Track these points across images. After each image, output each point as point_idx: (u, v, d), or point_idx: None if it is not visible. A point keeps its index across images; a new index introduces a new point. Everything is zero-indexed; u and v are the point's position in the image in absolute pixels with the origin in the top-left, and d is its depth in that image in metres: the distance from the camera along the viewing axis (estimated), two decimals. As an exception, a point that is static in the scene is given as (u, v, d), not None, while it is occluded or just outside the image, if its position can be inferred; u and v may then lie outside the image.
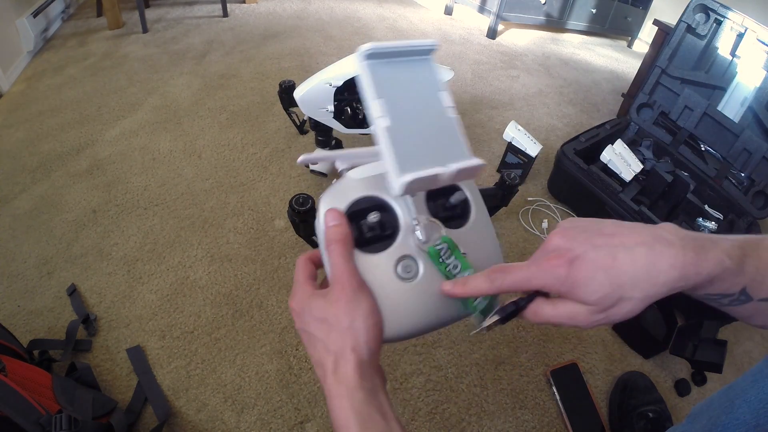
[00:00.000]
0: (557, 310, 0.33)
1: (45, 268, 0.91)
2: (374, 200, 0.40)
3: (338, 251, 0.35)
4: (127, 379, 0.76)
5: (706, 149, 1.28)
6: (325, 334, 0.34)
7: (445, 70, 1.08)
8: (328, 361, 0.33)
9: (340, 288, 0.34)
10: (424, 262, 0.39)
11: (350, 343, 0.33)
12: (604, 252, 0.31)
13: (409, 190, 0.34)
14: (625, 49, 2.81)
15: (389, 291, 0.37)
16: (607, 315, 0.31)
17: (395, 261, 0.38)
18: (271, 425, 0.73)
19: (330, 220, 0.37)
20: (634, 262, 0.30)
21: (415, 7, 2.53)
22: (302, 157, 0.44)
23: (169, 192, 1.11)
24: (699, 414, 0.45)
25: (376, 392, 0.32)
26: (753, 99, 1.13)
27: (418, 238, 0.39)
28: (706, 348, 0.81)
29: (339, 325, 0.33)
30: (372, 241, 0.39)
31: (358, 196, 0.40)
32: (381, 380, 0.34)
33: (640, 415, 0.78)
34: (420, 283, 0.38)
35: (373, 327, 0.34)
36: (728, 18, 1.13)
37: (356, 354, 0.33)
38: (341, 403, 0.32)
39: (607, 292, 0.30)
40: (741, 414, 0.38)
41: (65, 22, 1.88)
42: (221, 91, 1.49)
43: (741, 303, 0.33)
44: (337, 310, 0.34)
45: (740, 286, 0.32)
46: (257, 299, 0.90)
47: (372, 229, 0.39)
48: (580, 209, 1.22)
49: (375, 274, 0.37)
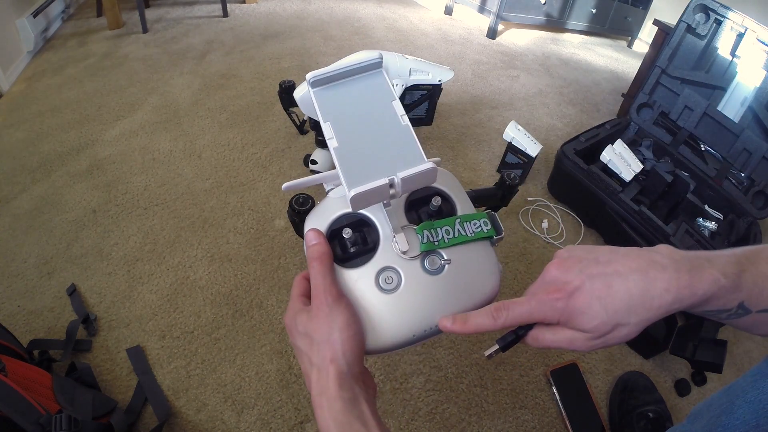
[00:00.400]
0: (556, 336, 0.34)
1: (45, 268, 0.91)
2: (354, 216, 0.42)
3: (317, 268, 0.37)
4: (127, 379, 0.76)
5: (706, 149, 1.27)
6: (308, 347, 0.35)
7: (445, 70, 1.08)
8: (311, 373, 0.35)
9: (318, 303, 0.36)
10: (406, 272, 0.39)
11: (329, 354, 0.34)
12: (599, 282, 0.32)
13: (362, 203, 0.35)
14: (625, 49, 2.81)
15: (371, 303, 0.38)
16: (605, 340, 0.32)
17: (376, 273, 0.39)
18: (271, 425, 0.73)
19: (310, 239, 0.40)
20: (629, 289, 0.31)
21: (415, 7, 2.53)
22: (287, 184, 0.45)
23: (169, 192, 1.10)
24: (699, 414, 0.45)
25: (357, 401, 0.33)
26: (753, 99, 1.13)
27: (399, 249, 0.39)
28: (706, 348, 0.81)
29: (319, 337, 0.35)
30: (354, 255, 0.40)
31: (338, 214, 0.42)
32: (365, 390, 0.35)
33: (641, 415, 0.78)
34: (402, 294, 0.38)
35: (350, 339, 0.35)
36: (728, 18, 1.13)
37: (335, 365, 0.34)
38: (323, 414, 0.33)
39: (603, 320, 0.31)
40: (741, 414, 0.38)
41: (65, 22, 1.88)
42: (221, 91, 1.49)
43: (740, 316, 0.33)
44: (316, 324, 0.35)
45: (737, 301, 0.32)
46: (257, 299, 0.90)
47: (354, 243, 0.40)
48: (580, 209, 1.22)
49: (357, 287, 0.38)
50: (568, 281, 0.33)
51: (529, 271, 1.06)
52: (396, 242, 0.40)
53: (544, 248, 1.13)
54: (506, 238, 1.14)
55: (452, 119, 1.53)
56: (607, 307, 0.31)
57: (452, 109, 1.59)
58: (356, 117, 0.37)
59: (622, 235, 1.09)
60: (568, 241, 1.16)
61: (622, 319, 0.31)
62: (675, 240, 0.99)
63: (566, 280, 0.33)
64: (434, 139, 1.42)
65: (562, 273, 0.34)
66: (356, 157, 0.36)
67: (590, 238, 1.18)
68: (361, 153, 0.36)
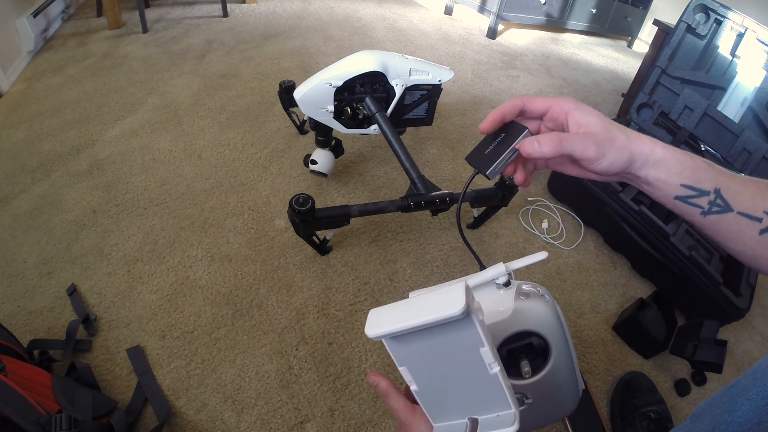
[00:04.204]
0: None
1: (45, 268, 0.91)
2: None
3: (389, 402, 0.42)
4: (127, 379, 0.76)
5: (706, 149, 1.27)
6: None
7: (445, 70, 1.08)
8: None
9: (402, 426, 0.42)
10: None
11: None
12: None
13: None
14: (625, 49, 2.81)
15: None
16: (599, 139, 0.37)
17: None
18: (271, 425, 0.73)
19: (371, 381, 0.44)
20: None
21: (415, 7, 2.54)
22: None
23: (169, 192, 1.10)
24: (701, 414, 0.45)
25: None
26: (753, 99, 1.13)
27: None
28: (706, 348, 0.81)
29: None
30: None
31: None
32: None
33: (643, 415, 0.78)
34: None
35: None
36: (728, 18, 1.13)
37: None
38: None
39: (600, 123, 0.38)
40: (743, 412, 0.38)
41: (65, 22, 1.88)
42: (221, 91, 1.49)
43: (721, 211, 0.35)
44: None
45: (713, 185, 0.35)
46: (257, 299, 0.90)
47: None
48: (580, 209, 1.22)
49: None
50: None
51: (529, 270, 1.06)
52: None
53: (544, 248, 1.13)
54: (506, 238, 1.14)
55: (452, 119, 1.53)
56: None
57: (452, 109, 1.59)
58: (437, 364, 0.34)
59: (622, 235, 1.09)
60: (568, 241, 1.16)
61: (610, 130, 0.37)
62: (675, 240, 0.99)
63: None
64: (434, 139, 1.42)
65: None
66: (438, 398, 0.36)
67: (590, 238, 1.18)
68: (443, 394, 0.36)
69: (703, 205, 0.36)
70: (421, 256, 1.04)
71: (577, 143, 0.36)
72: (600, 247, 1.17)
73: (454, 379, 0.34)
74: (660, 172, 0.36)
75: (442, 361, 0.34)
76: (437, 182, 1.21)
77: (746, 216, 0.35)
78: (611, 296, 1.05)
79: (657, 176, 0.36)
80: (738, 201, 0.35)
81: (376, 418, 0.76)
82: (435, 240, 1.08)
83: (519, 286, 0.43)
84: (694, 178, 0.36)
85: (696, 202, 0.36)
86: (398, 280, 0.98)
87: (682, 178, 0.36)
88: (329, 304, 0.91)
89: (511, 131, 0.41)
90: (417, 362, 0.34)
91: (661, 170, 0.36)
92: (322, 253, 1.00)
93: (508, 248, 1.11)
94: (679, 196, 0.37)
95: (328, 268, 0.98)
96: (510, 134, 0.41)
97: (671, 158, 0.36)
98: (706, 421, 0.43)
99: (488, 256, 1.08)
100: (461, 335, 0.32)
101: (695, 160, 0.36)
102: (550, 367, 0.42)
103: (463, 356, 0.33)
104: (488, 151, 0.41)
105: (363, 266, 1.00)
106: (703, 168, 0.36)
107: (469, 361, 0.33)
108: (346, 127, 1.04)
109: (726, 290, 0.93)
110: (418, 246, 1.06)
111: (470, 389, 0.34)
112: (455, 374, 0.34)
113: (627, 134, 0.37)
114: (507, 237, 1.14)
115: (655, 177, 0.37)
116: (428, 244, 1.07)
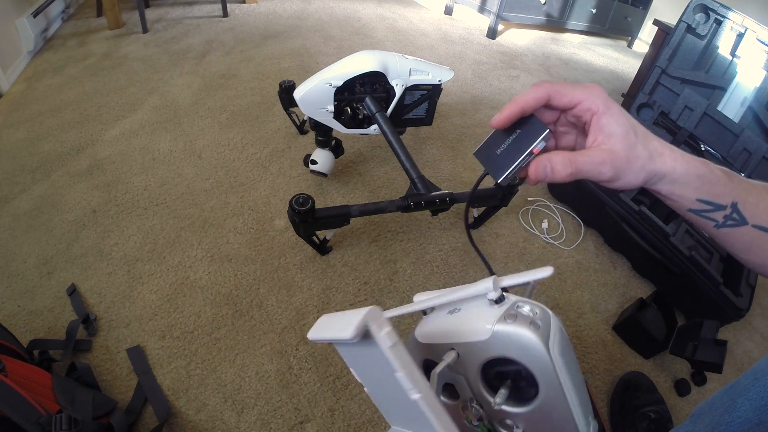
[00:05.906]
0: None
1: (45, 268, 0.91)
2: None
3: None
4: (127, 379, 0.76)
5: (706, 149, 1.27)
6: None
7: (445, 70, 1.08)
8: None
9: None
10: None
11: None
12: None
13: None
14: (625, 49, 2.81)
15: None
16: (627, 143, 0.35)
17: None
18: (271, 425, 0.73)
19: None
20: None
21: (415, 7, 2.54)
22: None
23: (169, 192, 1.10)
24: (701, 414, 0.45)
25: None
26: (753, 99, 1.13)
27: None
28: (706, 348, 0.81)
29: None
30: None
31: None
32: None
33: (643, 415, 0.78)
34: None
35: None
36: (728, 18, 1.13)
37: None
38: None
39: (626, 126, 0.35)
40: (743, 412, 0.38)
41: (65, 22, 1.88)
42: (221, 91, 1.49)
43: (735, 224, 0.35)
44: None
45: (730, 198, 0.34)
46: (257, 299, 0.90)
47: None
48: (580, 209, 1.22)
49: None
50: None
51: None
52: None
53: (544, 248, 1.13)
54: (506, 238, 1.14)
55: (452, 119, 1.53)
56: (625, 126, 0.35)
57: (452, 109, 1.59)
58: (376, 376, 0.35)
59: (622, 235, 1.09)
60: (568, 241, 1.16)
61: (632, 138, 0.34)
62: (675, 240, 0.99)
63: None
64: (434, 139, 1.42)
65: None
66: (387, 405, 0.37)
67: (590, 238, 1.18)
68: (390, 402, 0.37)
69: (717, 219, 0.35)
70: (421, 256, 1.04)
71: (593, 168, 0.34)
72: (600, 247, 1.17)
73: (393, 393, 0.33)
74: (677, 187, 0.35)
75: (379, 375, 0.33)
76: (437, 182, 1.21)
77: (761, 229, 0.34)
78: (611, 296, 1.05)
79: (673, 191, 0.35)
80: (753, 214, 0.34)
81: (376, 418, 0.76)
82: (435, 240, 1.08)
83: (513, 305, 0.39)
84: (712, 194, 0.35)
85: (711, 216, 0.35)
86: (398, 280, 0.98)
87: (700, 193, 0.35)
88: (329, 304, 0.91)
89: (528, 129, 0.36)
90: (361, 369, 0.35)
91: (678, 186, 0.35)
92: (322, 253, 1.00)
93: (508, 248, 1.11)
94: (693, 209, 0.36)
95: (328, 268, 0.98)
96: (527, 133, 0.36)
97: (692, 174, 0.34)
98: (706, 421, 0.43)
99: (488, 256, 1.08)
100: (378, 357, 0.31)
101: (715, 173, 0.35)
102: (540, 401, 0.38)
103: (391, 376, 0.32)
104: (501, 151, 0.37)
105: (363, 266, 1.00)
106: (722, 182, 0.35)
107: (396, 382, 0.32)
108: (346, 127, 1.04)
109: (726, 290, 0.93)
110: (418, 246, 1.06)
111: (408, 407, 0.33)
112: (393, 390, 0.33)
113: (650, 150, 0.34)
114: (507, 237, 1.14)
115: (670, 191, 0.35)
116: (428, 244, 1.07)
